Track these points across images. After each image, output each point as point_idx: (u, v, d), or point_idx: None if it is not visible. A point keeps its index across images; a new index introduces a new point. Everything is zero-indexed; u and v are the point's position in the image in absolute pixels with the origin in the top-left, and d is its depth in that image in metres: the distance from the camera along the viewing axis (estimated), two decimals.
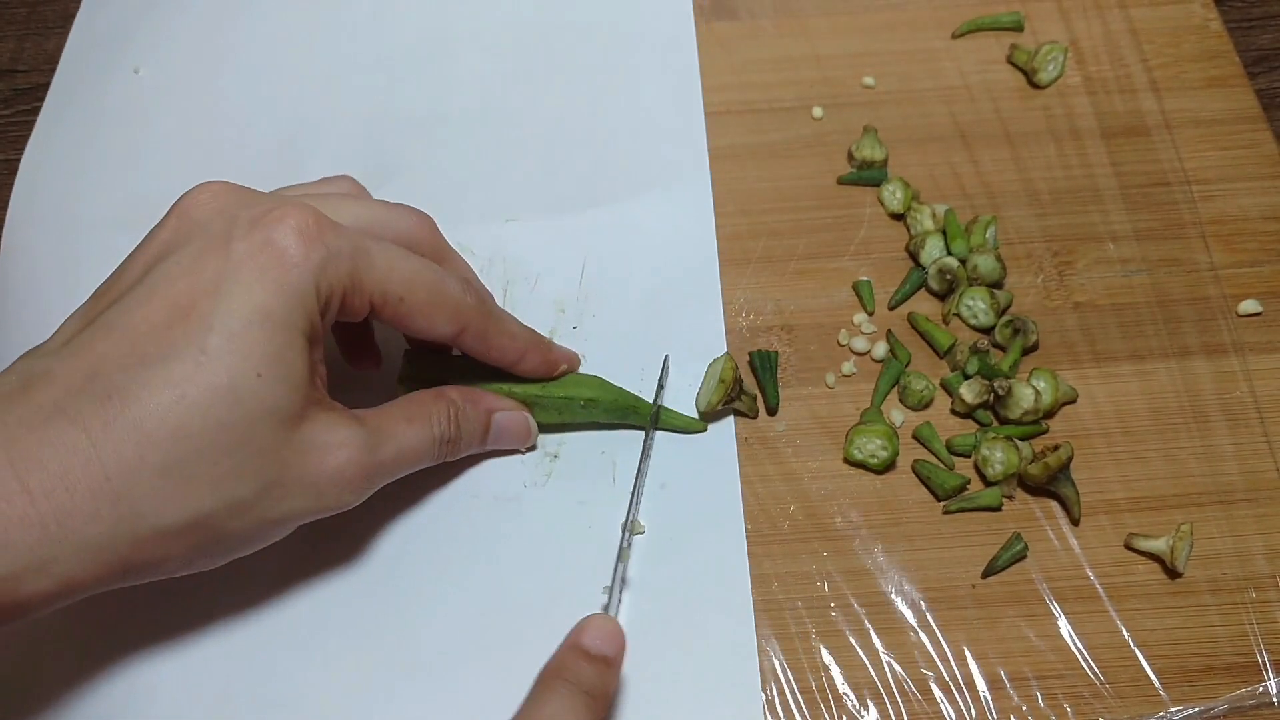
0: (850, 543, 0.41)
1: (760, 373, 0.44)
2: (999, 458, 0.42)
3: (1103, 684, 0.38)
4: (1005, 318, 0.45)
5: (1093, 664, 0.39)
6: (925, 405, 0.44)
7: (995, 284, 0.46)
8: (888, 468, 0.42)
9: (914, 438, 0.43)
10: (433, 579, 0.40)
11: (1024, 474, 0.41)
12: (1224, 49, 0.53)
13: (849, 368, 0.45)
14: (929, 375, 0.44)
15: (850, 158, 0.51)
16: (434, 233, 0.39)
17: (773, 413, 0.44)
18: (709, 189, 0.49)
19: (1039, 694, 0.38)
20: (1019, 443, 0.42)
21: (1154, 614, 0.39)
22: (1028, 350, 0.45)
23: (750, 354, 0.45)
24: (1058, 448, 0.41)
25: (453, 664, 0.39)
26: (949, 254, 0.47)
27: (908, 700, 0.38)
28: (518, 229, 0.48)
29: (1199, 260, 0.47)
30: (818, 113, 0.52)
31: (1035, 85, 0.53)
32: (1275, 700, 0.38)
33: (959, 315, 0.46)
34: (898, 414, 0.44)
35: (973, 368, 0.44)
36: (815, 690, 0.38)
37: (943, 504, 0.42)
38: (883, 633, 0.39)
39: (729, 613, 0.39)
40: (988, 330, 0.46)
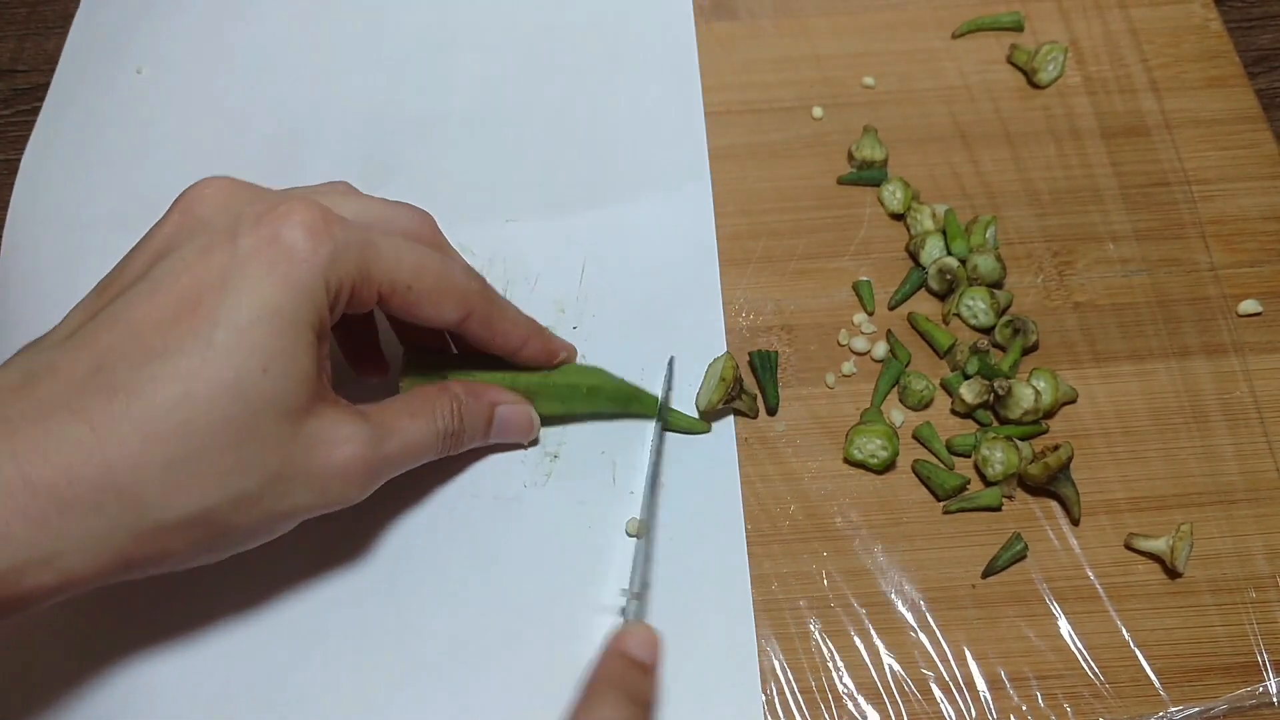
0: (850, 543, 0.41)
1: (760, 373, 0.44)
2: (999, 458, 0.42)
3: (1103, 684, 0.38)
4: (1005, 318, 0.45)
5: (1093, 664, 0.39)
6: (925, 405, 0.44)
7: (995, 284, 0.46)
8: (888, 468, 0.42)
9: (914, 438, 0.43)
10: (432, 579, 0.40)
11: (1024, 474, 0.41)
12: (1224, 49, 0.53)
13: (849, 368, 0.45)
14: (929, 375, 0.44)
15: (850, 158, 0.51)
16: (434, 229, 0.39)
17: (773, 413, 0.44)
18: (709, 189, 0.49)
19: (1039, 694, 0.38)
20: (1019, 443, 0.42)
21: (1154, 614, 0.40)
22: (1028, 350, 0.45)
23: (750, 354, 0.45)
24: (1058, 448, 0.41)
25: (452, 663, 0.39)
26: (949, 254, 0.47)
27: (908, 700, 0.38)
28: (518, 229, 0.48)
29: (1199, 260, 0.47)
30: (818, 113, 0.52)
31: (1035, 85, 0.53)
32: (1275, 700, 0.38)
33: (959, 315, 0.46)
34: (898, 414, 0.44)
35: (973, 368, 0.44)
36: (815, 690, 0.38)
37: (943, 504, 0.42)
38: (883, 632, 0.39)
39: (729, 613, 0.39)
40: (988, 330, 0.46)
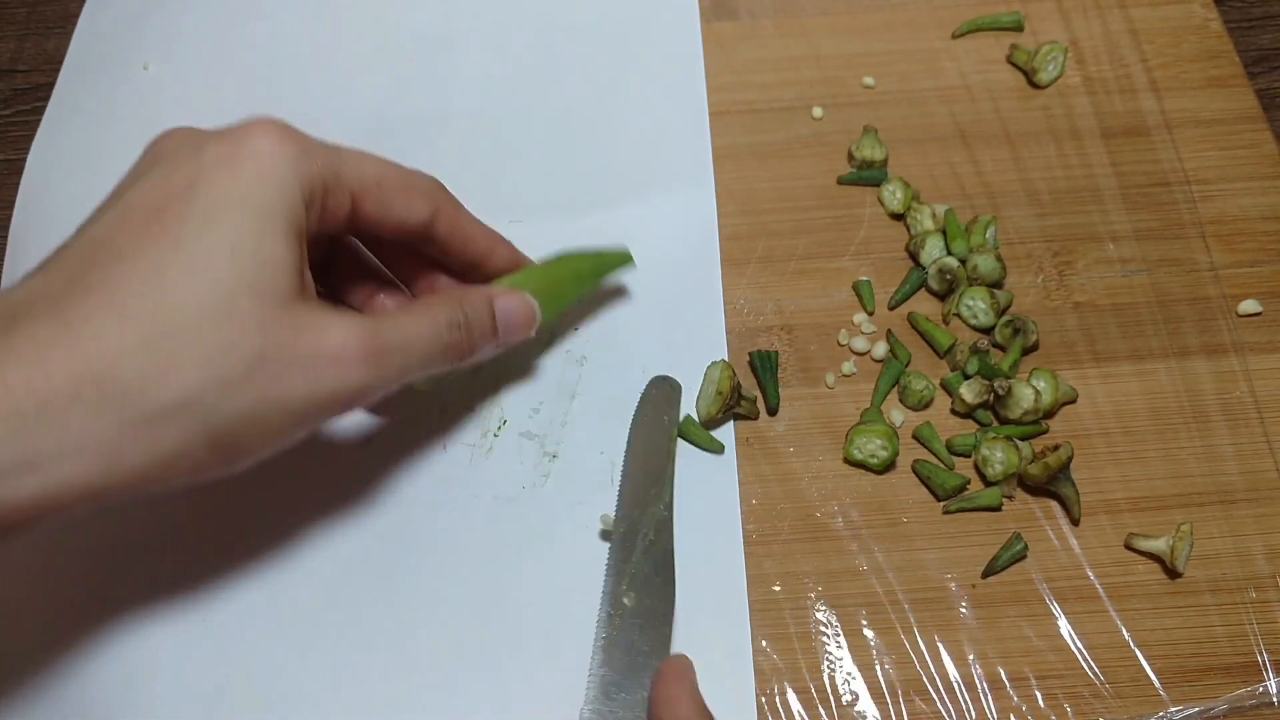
0: (850, 542, 0.41)
1: (760, 373, 0.44)
2: (999, 458, 0.42)
3: (1103, 684, 0.38)
4: (1005, 318, 0.45)
5: (1093, 664, 0.39)
6: (925, 405, 0.44)
7: (995, 284, 0.46)
8: (888, 468, 0.42)
9: (914, 438, 0.43)
10: (432, 578, 0.40)
11: (1024, 474, 0.41)
12: (1224, 49, 0.53)
13: (849, 368, 0.45)
14: (929, 375, 0.44)
15: (850, 158, 0.51)
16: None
17: (773, 413, 0.44)
18: (712, 190, 0.49)
19: (1039, 694, 0.38)
20: (1019, 443, 0.42)
21: (1154, 614, 0.39)
22: (1028, 350, 0.45)
23: (750, 354, 0.45)
24: (1058, 448, 0.41)
25: (451, 663, 0.39)
26: (949, 254, 0.47)
27: (908, 700, 0.38)
28: (522, 230, 0.48)
29: (1199, 260, 0.47)
30: (818, 113, 0.52)
31: (1035, 85, 0.53)
32: (1275, 700, 0.38)
33: (959, 315, 0.46)
34: (898, 414, 0.44)
35: (973, 368, 0.44)
36: (814, 690, 0.38)
37: (943, 504, 0.42)
38: (882, 632, 0.39)
39: (725, 614, 0.39)
40: (988, 330, 0.46)
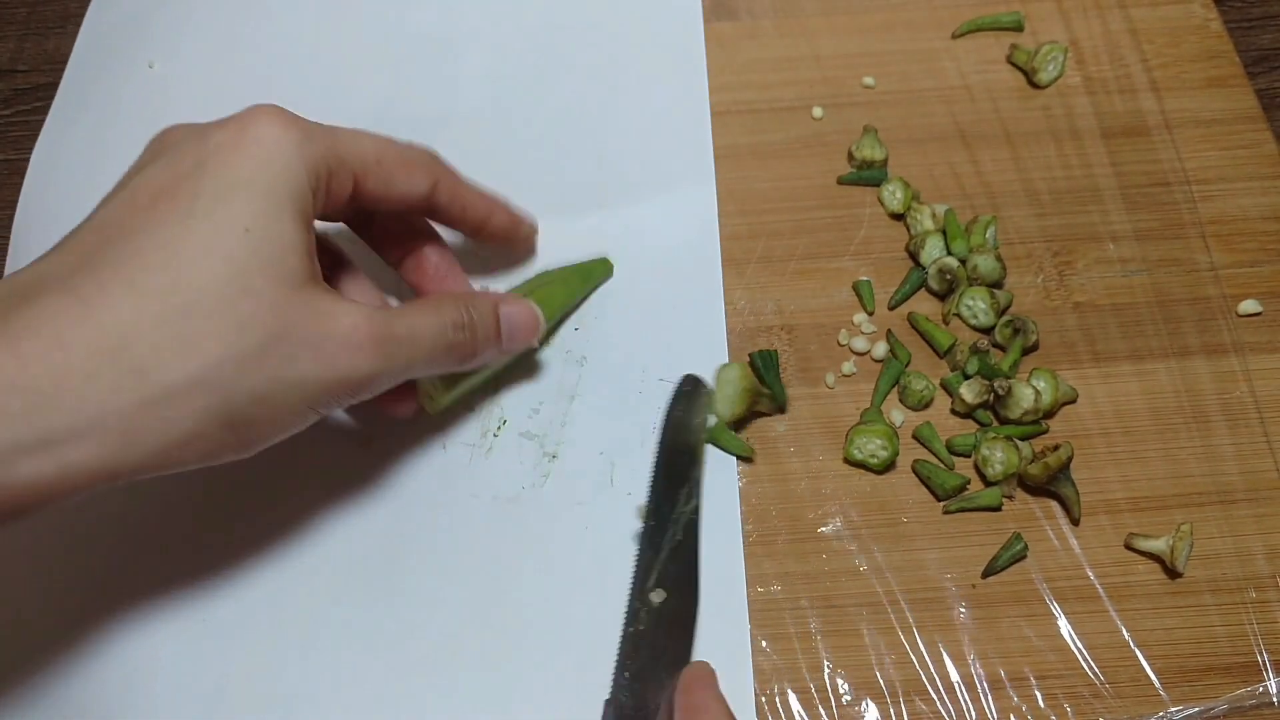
0: (850, 543, 0.41)
1: (764, 373, 0.44)
2: (999, 458, 0.41)
3: (1103, 684, 0.38)
4: (1005, 318, 0.45)
5: (1093, 664, 0.39)
6: (925, 405, 0.44)
7: (995, 284, 0.46)
8: (888, 468, 0.42)
9: (914, 438, 0.43)
10: (432, 579, 0.40)
11: (1024, 474, 0.41)
12: (1224, 49, 0.53)
13: (849, 368, 0.45)
14: (929, 375, 0.44)
15: (850, 158, 0.51)
16: None
17: (783, 410, 0.44)
18: (713, 191, 0.49)
19: (1039, 694, 0.38)
20: (1019, 443, 0.42)
21: (1154, 614, 0.39)
22: (1028, 350, 0.45)
23: (751, 355, 0.45)
24: (1058, 448, 0.41)
25: (450, 663, 0.39)
26: (949, 254, 0.47)
27: (908, 700, 0.38)
28: None
29: (1199, 260, 0.47)
30: (818, 113, 0.52)
31: (1035, 85, 0.53)
32: (1275, 700, 0.38)
33: (959, 315, 0.46)
34: (898, 414, 0.44)
35: (973, 368, 0.44)
36: (814, 690, 0.38)
37: (943, 504, 0.42)
38: (882, 632, 0.39)
39: (724, 614, 0.39)
40: (988, 330, 0.46)
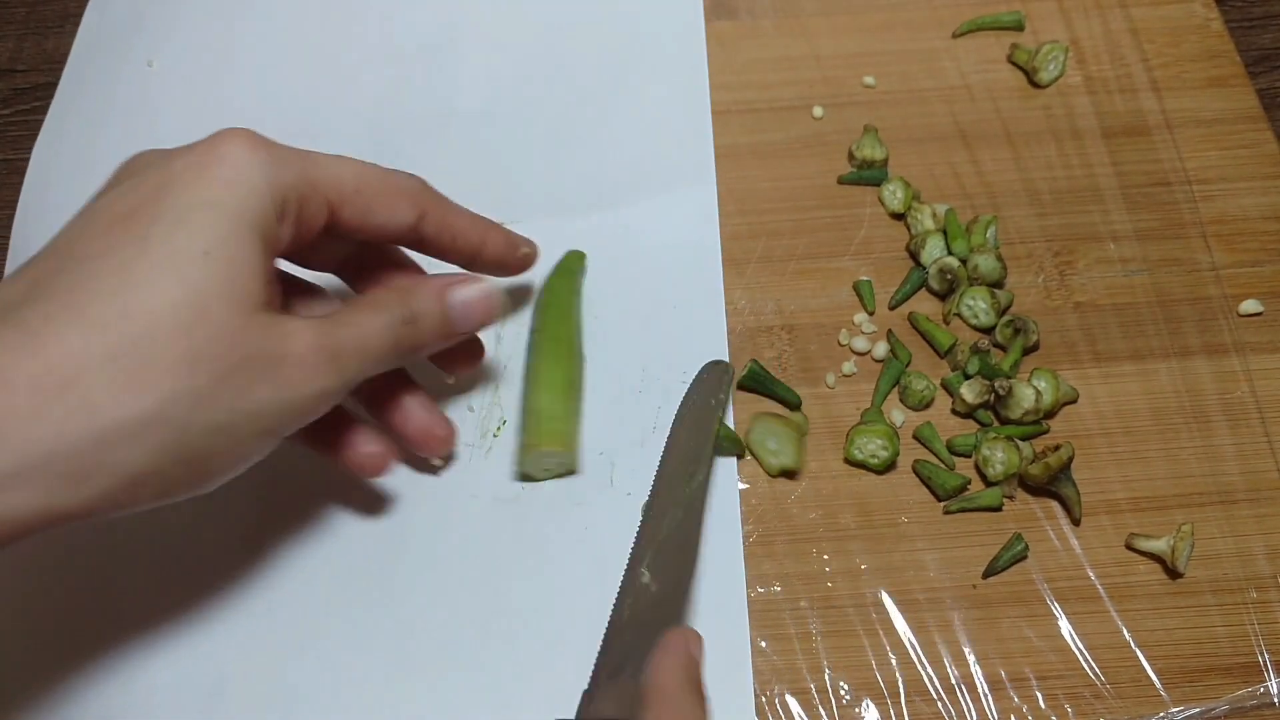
0: (851, 543, 0.41)
1: (762, 386, 0.44)
2: (1000, 458, 0.41)
3: (1103, 684, 0.38)
4: (1006, 317, 0.45)
5: (1093, 664, 0.38)
6: (926, 405, 0.44)
7: (996, 284, 0.46)
8: (888, 468, 0.42)
9: (914, 438, 0.43)
10: (430, 579, 0.40)
11: (1025, 474, 0.41)
12: (1225, 48, 0.53)
13: (849, 368, 0.45)
14: (929, 375, 0.44)
15: (851, 157, 0.50)
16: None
17: (797, 407, 0.44)
18: (714, 191, 0.49)
19: (1039, 694, 0.38)
20: (1020, 443, 0.42)
21: (1155, 614, 0.39)
22: (1028, 350, 0.45)
23: (741, 379, 0.44)
24: (1058, 448, 0.41)
25: (449, 663, 0.39)
26: (949, 254, 0.47)
27: (908, 700, 0.38)
28: (522, 230, 0.48)
29: (1200, 260, 0.47)
30: (818, 112, 0.52)
31: (1036, 85, 0.53)
32: (1276, 700, 0.38)
33: (959, 315, 0.46)
34: (898, 414, 0.44)
35: (973, 368, 0.44)
36: (814, 690, 0.38)
37: (943, 504, 0.42)
38: (883, 633, 0.39)
39: (724, 615, 0.39)
40: (988, 330, 0.46)
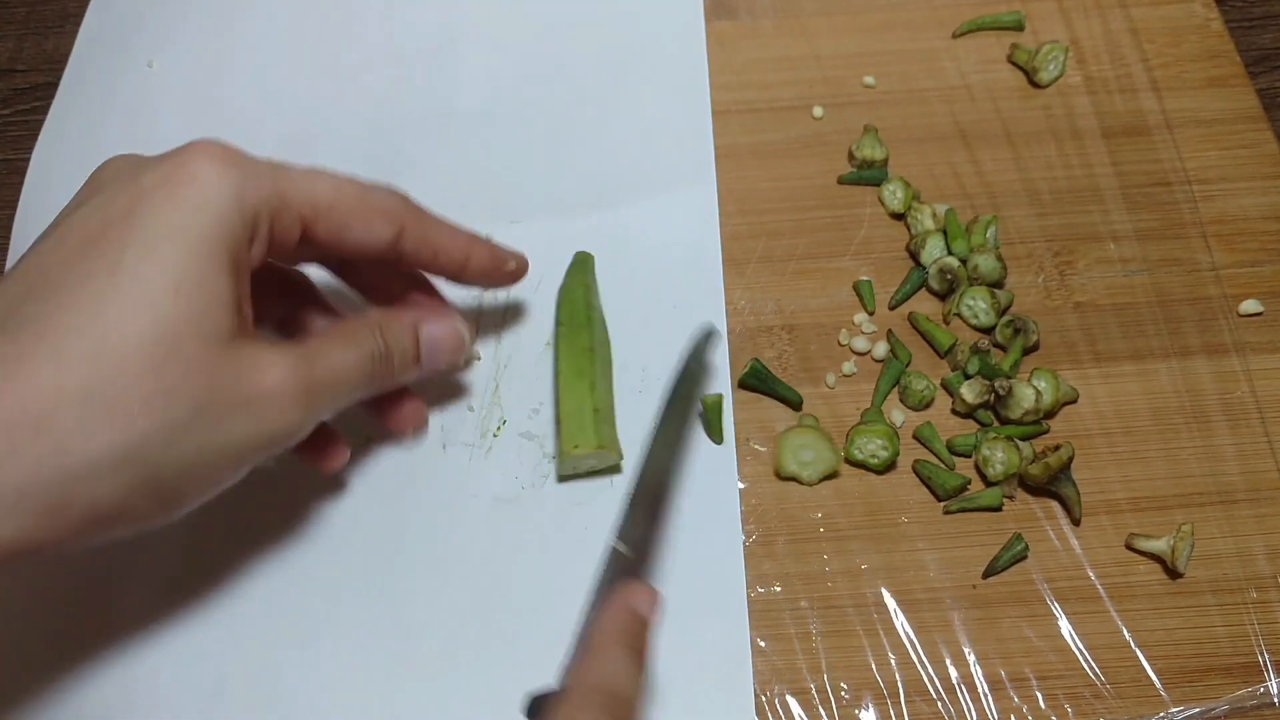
0: (850, 543, 0.41)
1: (763, 385, 0.44)
2: (1000, 458, 0.41)
3: (1103, 684, 0.38)
4: (1006, 317, 0.45)
5: (1093, 664, 0.38)
6: (926, 405, 0.44)
7: (996, 284, 0.46)
8: (888, 468, 0.42)
9: (914, 438, 0.43)
10: (431, 579, 0.40)
11: (1025, 474, 0.41)
12: (1225, 48, 0.53)
13: (849, 367, 0.45)
14: (929, 375, 0.44)
15: (851, 157, 0.50)
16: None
17: (798, 406, 0.44)
18: (714, 191, 0.49)
19: (1039, 694, 0.38)
20: (1020, 443, 0.42)
21: (1155, 614, 0.39)
22: (1028, 350, 0.45)
23: (742, 378, 0.44)
24: (1058, 448, 0.41)
25: (450, 663, 0.39)
26: (950, 254, 0.47)
27: (908, 700, 0.38)
28: (523, 230, 0.48)
29: (1200, 260, 0.47)
30: (818, 112, 0.52)
31: (1036, 85, 0.53)
32: (1276, 701, 0.38)
33: (959, 315, 0.46)
34: (898, 414, 0.44)
35: (973, 368, 0.44)
36: (814, 690, 0.38)
37: (943, 504, 0.42)
38: (883, 633, 0.39)
39: (724, 615, 0.39)
40: (988, 330, 0.46)
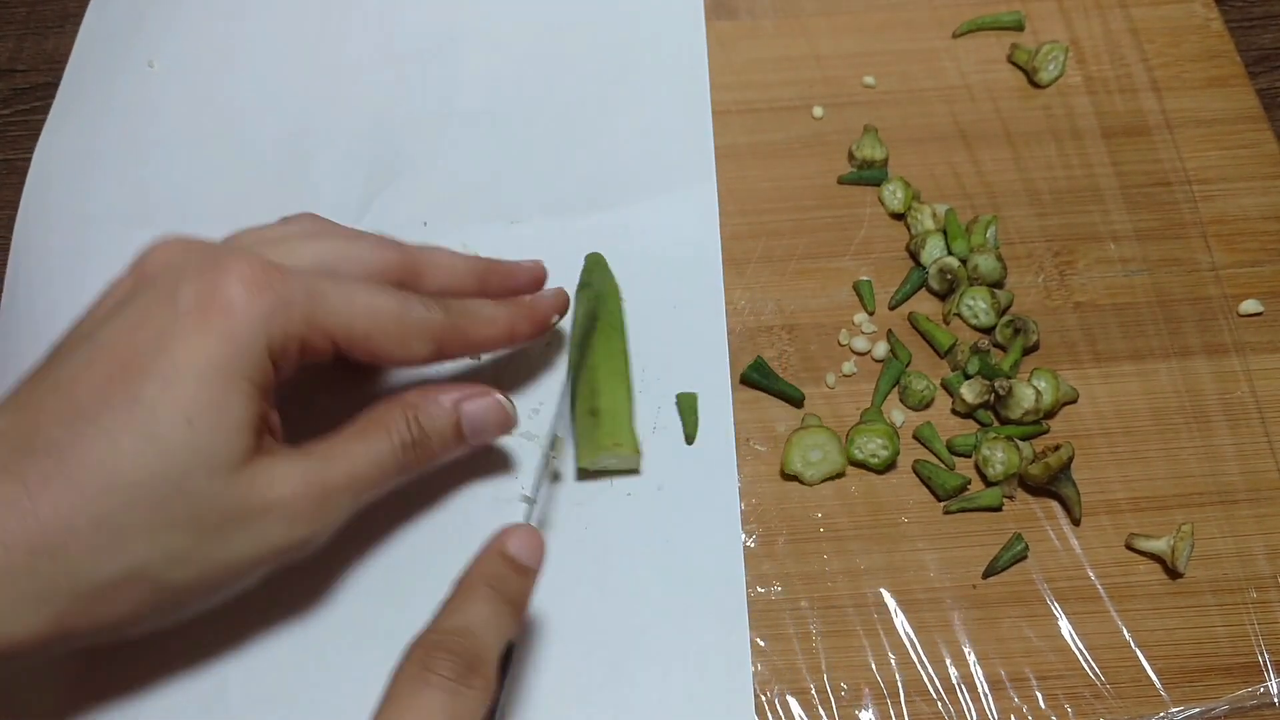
0: (850, 543, 0.41)
1: (765, 381, 0.44)
2: (1000, 458, 0.41)
3: (1103, 684, 0.38)
4: (1006, 317, 0.45)
5: (1093, 664, 0.38)
6: (926, 405, 0.44)
7: (996, 284, 0.46)
8: (888, 468, 0.42)
9: (914, 438, 0.43)
10: (431, 579, 0.40)
11: (1025, 474, 0.41)
12: (1225, 48, 0.53)
13: (849, 367, 0.45)
14: (929, 375, 0.44)
15: (851, 157, 0.50)
16: (399, 250, 0.38)
17: (799, 403, 0.44)
18: (714, 191, 0.49)
19: (1039, 694, 0.38)
20: (1020, 443, 0.42)
21: (1155, 614, 0.39)
22: (1028, 350, 0.45)
23: (743, 375, 0.44)
24: (1058, 448, 0.41)
25: None
26: (950, 254, 0.47)
27: (908, 700, 0.38)
28: (522, 230, 0.48)
29: (1200, 260, 0.47)
30: (818, 112, 0.52)
31: (1036, 85, 0.53)
32: (1276, 701, 0.38)
33: (960, 315, 0.46)
34: (898, 414, 0.44)
35: (973, 367, 0.44)
36: (814, 691, 0.38)
37: (943, 504, 0.42)
38: (883, 633, 0.39)
39: (723, 615, 0.39)
40: (988, 330, 0.46)
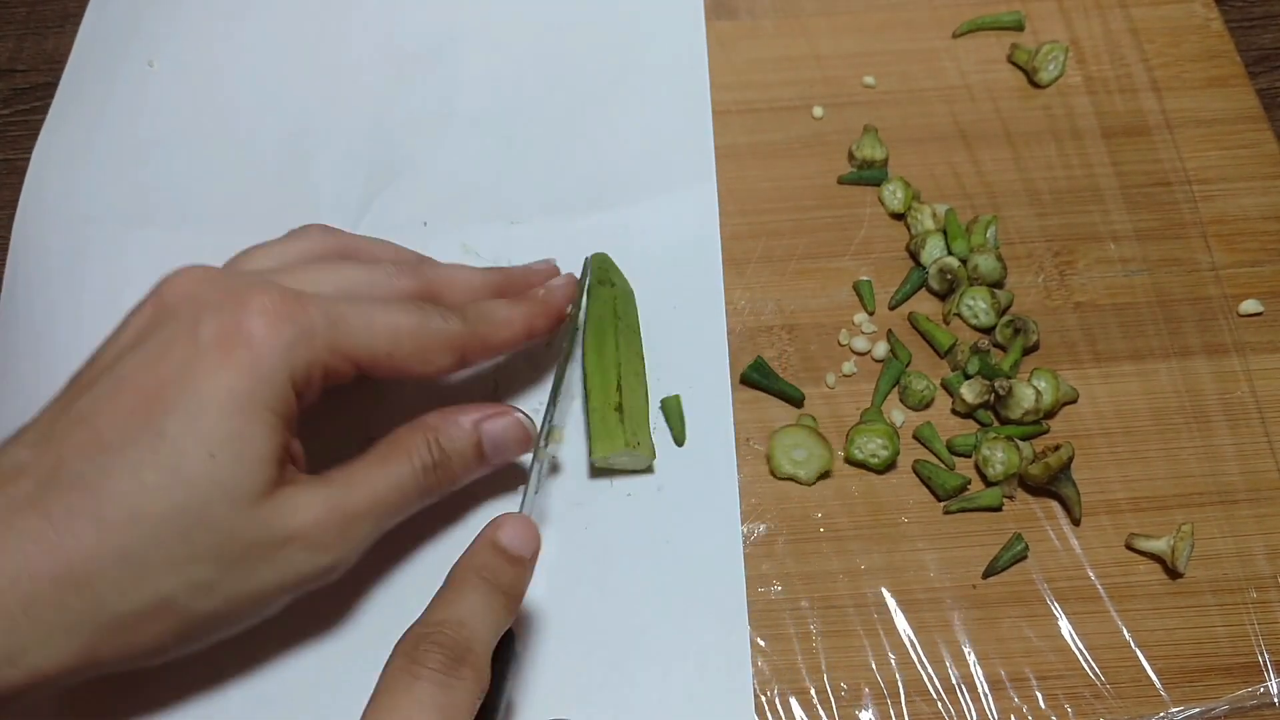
0: (850, 543, 0.41)
1: (765, 381, 0.44)
2: (1000, 458, 0.41)
3: (1103, 684, 0.38)
4: (1006, 317, 0.45)
5: (1093, 664, 0.38)
6: (926, 405, 0.44)
7: (996, 284, 0.46)
8: (888, 468, 0.42)
9: (914, 438, 0.43)
10: (431, 579, 0.40)
11: (1025, 474, 0.41)
12: (1225, 48, 0.53)
13: (849, 367, 0.45)
14: (929, 375, 0.44)
15: (851, 157, 0.50)
16: (415, 276, 0.38)
17: (799, 403, 0.44)
18: (714, 191, 0.49)
19: (1039, 694, 0.38)
20: (1020, 443, 0.42)
21: (1155, 614, 0.39)
22: (1028, 350, 0.45)
23: (743, 375, 0.44)
24: (1058, 448, 0.41)
25: None
26: (950, 254, 0.47)
27: (908, 700, 0.38)
28: (523, 230, 0.48)
29: (1200, 260, 0.47)
30: (818, 112, 0.52)
31: (1036, 85, 0.53)
32: (1276, 701, 0.38)
33: (959, 315, 0.46)
34: (898, 414, 0.44)
35: (973, 368, 0.44)
36: (814, 691, 0.38)
37: (943, 504, 0.42)
38: (883, 633, 0.39)
39: (723, 615, 0.39)
40: (988, 330, 0.46)
